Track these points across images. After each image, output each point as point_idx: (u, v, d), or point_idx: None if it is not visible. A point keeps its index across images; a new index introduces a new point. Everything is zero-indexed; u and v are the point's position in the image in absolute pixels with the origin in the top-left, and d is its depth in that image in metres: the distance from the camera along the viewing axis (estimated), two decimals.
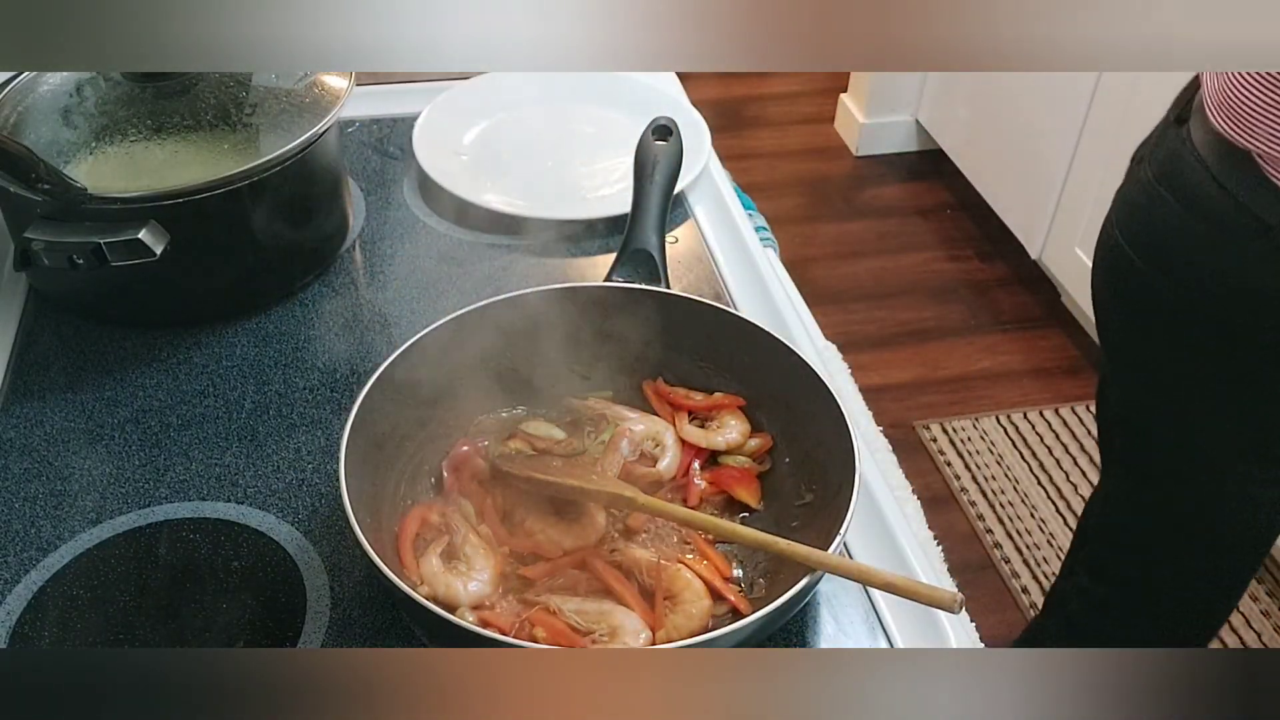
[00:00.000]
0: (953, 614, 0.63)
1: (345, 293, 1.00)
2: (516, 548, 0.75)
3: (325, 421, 0.86)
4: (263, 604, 0.73)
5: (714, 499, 0.79)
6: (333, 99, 0.95)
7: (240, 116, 0.92)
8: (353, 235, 1.06)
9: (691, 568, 0.72)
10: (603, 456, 0.79)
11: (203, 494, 0.80)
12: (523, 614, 0.69)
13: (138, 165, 0.87)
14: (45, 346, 0.93)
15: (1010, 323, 2.55)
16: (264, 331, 0.95)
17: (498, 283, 1.01)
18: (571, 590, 0.72)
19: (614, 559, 0.73)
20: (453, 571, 0.71)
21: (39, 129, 0.89)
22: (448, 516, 0.75)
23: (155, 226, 0.84)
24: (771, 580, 0.72)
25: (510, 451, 0.79)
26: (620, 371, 0.86)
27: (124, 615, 0.72)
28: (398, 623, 0.72)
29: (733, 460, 0.81)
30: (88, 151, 0.88)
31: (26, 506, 0.79)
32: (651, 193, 0.92)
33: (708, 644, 0.64)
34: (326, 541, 0.77)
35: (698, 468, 0.80)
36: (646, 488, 0.77)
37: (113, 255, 0.83)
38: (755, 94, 3.37)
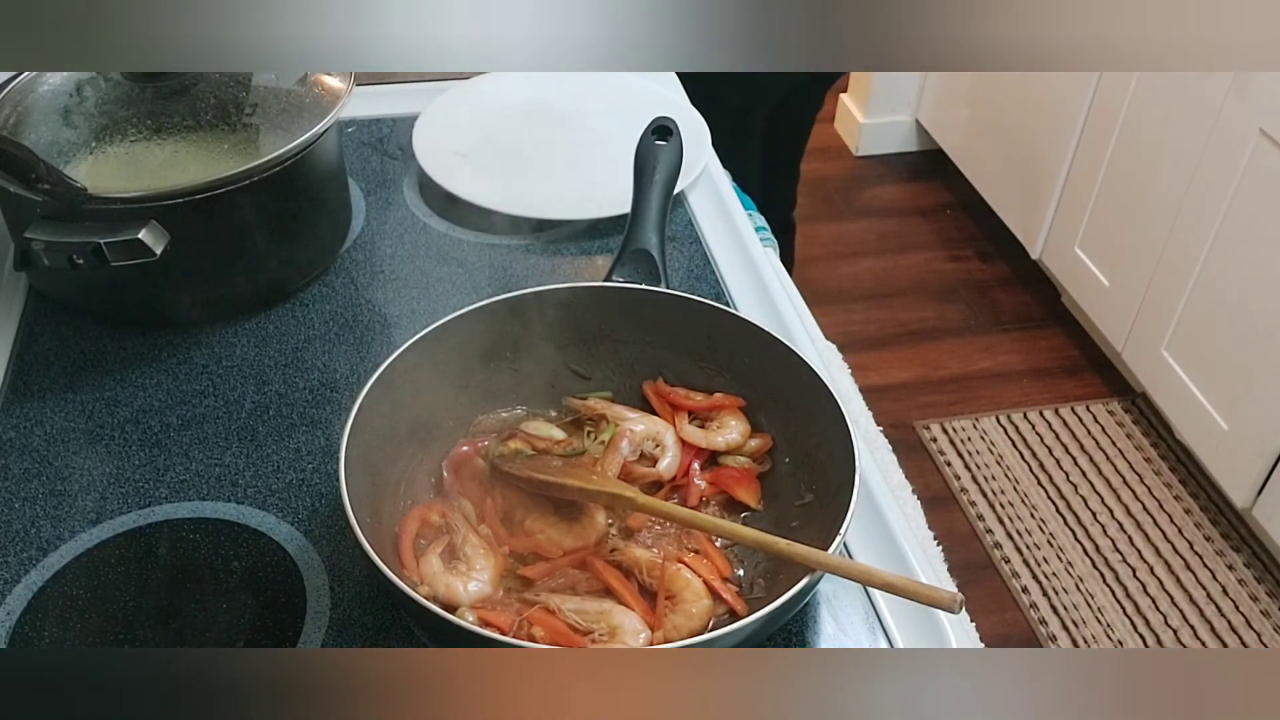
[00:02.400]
0: (953, 614, 0.63)
1: (345, 293, 1.00)
2: (516, 548, 0.75)
3: (325, 421, 0.86)
4: (263, 604, 0.73)
5: (714, 499, 0.79)
6: (333, 99, 0.95)
7: (240, 116, 0.92)
8: (353, 235, 1.06)
9: (692, 567, 0.72)
10: (603, 456, 0.79)
11: (203, 494, 0.80)
12: (522, 613, 0.69)
13: (138, 165, 0.87)
14: (45, 346, 0.93)
15: (1010, 323, 2.55)
16: (264, 331, 0.95)
17: (498, 283, 1.01)
18: (571, 590, 0.72)
19: (614, 559, 0.73)
20: (453, 571, 0.71)
21: (39, 129, 0.89)
22: (448, 516, 0.75)
23: (155, 226, 0.84)
24: (771, 580, 0.72)
25: (510, 451, 0.79)
26: (620, 371, 0.86)
27: (124, 615, 0.72)
28: (398, 623, 0.72)
29: (733, 460, 0.81)
30: (88, 151, 0.88)
31: (26, 506, 0.79)
32: (651, 193, 0.92)
33: (708, 644, 0.64)
34: (326, 541, 0.77)
35: (698, 468, 0.80)
36: (646, 488, 0.77)
37: (113, 255, 0.83)
38: None
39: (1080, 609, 1.91)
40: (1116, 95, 2.16)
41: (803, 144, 2.09)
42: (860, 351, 2.39)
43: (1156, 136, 2.06)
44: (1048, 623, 1.89)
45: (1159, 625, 1.89)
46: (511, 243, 1.06)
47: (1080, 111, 2.27)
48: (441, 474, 0.79)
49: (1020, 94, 2.52)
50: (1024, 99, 2.50)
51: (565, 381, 0.85)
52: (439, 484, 0.79)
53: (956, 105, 2.85)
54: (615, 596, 0.71)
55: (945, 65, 0.57)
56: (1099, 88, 2.21)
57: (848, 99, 3.16)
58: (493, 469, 0.78)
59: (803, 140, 2.08)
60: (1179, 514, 2.08)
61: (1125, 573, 1.97)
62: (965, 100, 2.80)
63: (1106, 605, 1.92)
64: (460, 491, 0.78)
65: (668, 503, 0.75)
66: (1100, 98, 2.22)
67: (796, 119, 2.02)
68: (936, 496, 2.11)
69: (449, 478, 0.79)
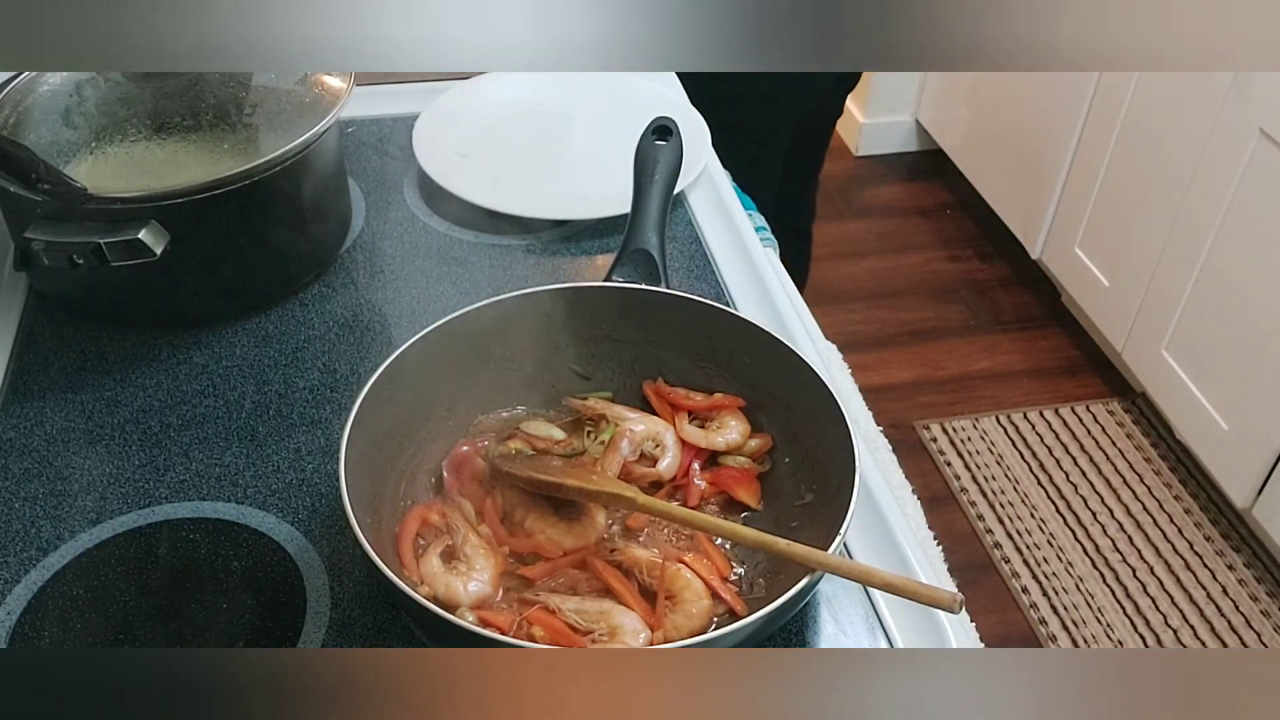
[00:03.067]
0: (953, 614, 0.63)
1: (345, 293, 1.00)
2: (516, 548, 0.75)
3: (325, 421, 0.86)
4: (263, 604, 0.73)
5: (714, 499, 0.79)
6: (333, 99, 0.95)
7: (240, 116, 0.92)
8: (353, 235, 1.06)
9: (691, 567, 0.72)
10: (603, 456, 0.79)
11: (203, 494, 0.80)
12: (522, 613, 0.69)
13: (138, 165, 0.87)
14: (45, 346, 0.93)
15: (1010, 323, 2.55)
16: (264, 331, 0.95)
17: (498, 283, 1.01)
18: (571, 590, 0.72)
19: (614, 559, 0.73)
20: (453, 571, 0.71)
21: (39, 129, 0.89)
22: (448, 516, 0.75)
23: (155, 226, 0.84)
24: (771, 580, 0.72)
25: (510, 451, 0.79)
26: (620, 371, 0.86)
27: (124, 615, 0.72)
28: (398, 623, 0.72)
29: (732, 460, 0.81)
30: (88, 151, 0.88)
31: (26, 506, 0.79)
32: (651, 193, 0.92)
33: (708, 644, 0.64)
34: (326, 541, 0.77)
35: (697, 468, 0.80)
36: (646, 488, 0.77)
37: (113, 255, 0.83)
38: None
39: (1080, 609, 1.91)
40: (1116, 95, 2.16)
41: (823, 152, 2.05)
42: (860, 351, 2.39)
43: (1156, 137, 2.06)
44: (1048, 623, 1.89)
45: (1159, 625, 1.89)
46: (511, 243, 1.06)
47: (1080, 111, 2.27)
48: (441, 474, 0.79)
49: (1020, 94, 2.51)
50: (1024, 99, 2.50)
51: (565, 381, 0.85)
52: (439, 484, 0.79)
53: (956, 105, 2.85)
54: (615, 597, 0.71)
55: (945, 65, 0.57)
56: (1099, 88, 2.21)
57: (848, 99, 3.15)
58: (493, 469, 0.78)
59: (823, 149, 2.04)
60: (1179, 514, 2.08)
61: (1125, 573, 1.97)
62: (965, 100, 2.80)
63: (1106, 605, 1.92)
64: (461, 491, 0.78)
65: (668, 503, 0.75)
66: (1100, 98, 2.22)
67: (817, 129, 1.98)
68: (936, 496, 2.11)
69: (449, 478, 0.79)
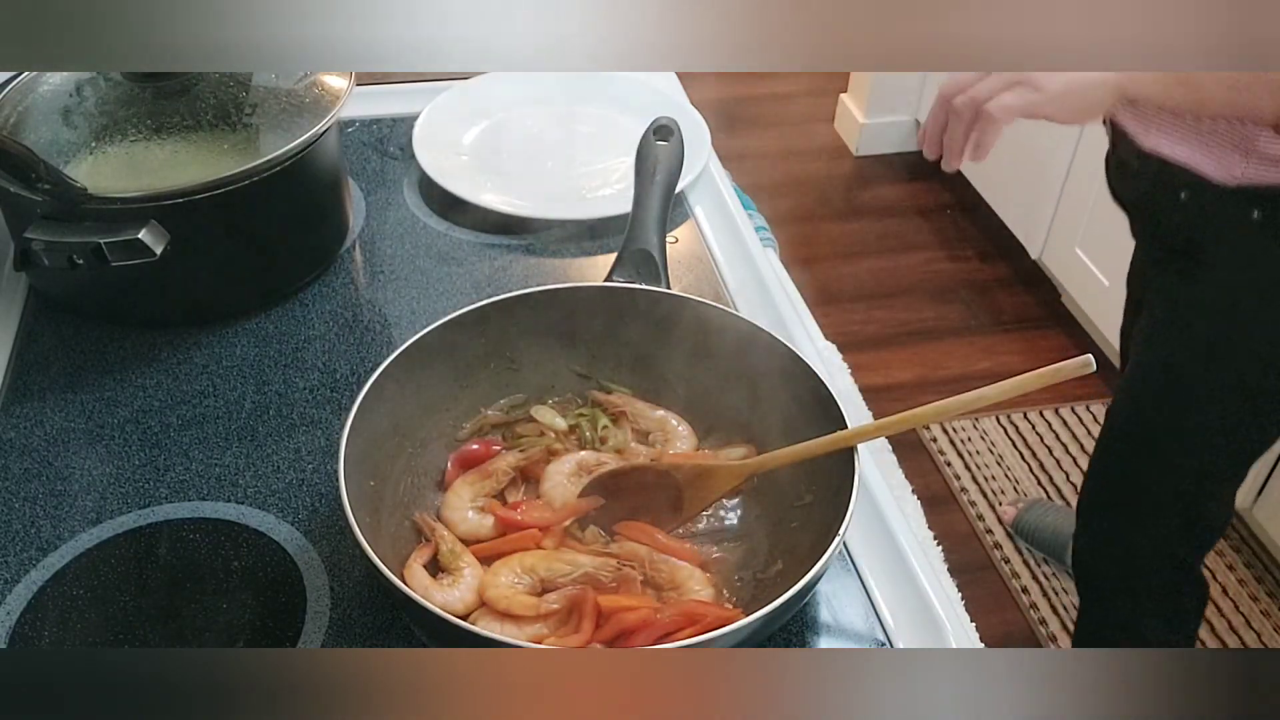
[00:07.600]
0: (1089, 370, 0.69)
1: (345, 293, 1.00)
2: None
3: (325, 421, 0.86)
4: (263, 604, 0.73)
5: None
6: (333, 99, 0.95)
7: (240, 116, 0.92)
8: (353, 235, 1.06)
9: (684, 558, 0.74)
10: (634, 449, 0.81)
11: (203, 494, 0.80)
12: None
13: (138, 165, 0.87)
14: (45, 346, 0.93)
15: (1010, 323, 2.55)
16: (264, 331, 0.95)
17: (498, 283, 1.01)
18: None
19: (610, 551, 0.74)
20: (438, 583, 0.71)
21: (39, 129, 0.89)
22: (434, 527, 0.75)
23: (155, 226, 0.84)
24: (771, 580, 0.72)
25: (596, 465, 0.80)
26: (621, 371, 0.86)
27: (124, 615, 0.72)
28: (398, 623, 0.72)
29: None
30: (88, 151, 0.88)
31: (26, 506, 0.79)
32: (652, 193, 0.92)
33: (708, 644, 0.64)
34: (326, 541, 0.77)
35: None
36: None
37: (113, 255, 0.83)
38: (755, 94, 3.37)
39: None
40: None
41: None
42: (860, 351, 2.39)
43: None
44: (1048, 623, 1.89)
45: None
46: (511, 243, 1.06)
47: None
48: (442, 474, 0.79)
49: None
50: None
51: (565, 381, 0.85)
52: (440, 483, 0.79)
53: None
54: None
55: (945, 65, 0.57)
56: None
57: (848, 99, 3.16)
58: (595, 483, 0.78)
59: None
60: None
61: None
62: None
63: None
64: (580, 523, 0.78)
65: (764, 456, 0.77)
66: None
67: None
68: (936, 496, 2.11)
69: (452, 471, 0.79)
